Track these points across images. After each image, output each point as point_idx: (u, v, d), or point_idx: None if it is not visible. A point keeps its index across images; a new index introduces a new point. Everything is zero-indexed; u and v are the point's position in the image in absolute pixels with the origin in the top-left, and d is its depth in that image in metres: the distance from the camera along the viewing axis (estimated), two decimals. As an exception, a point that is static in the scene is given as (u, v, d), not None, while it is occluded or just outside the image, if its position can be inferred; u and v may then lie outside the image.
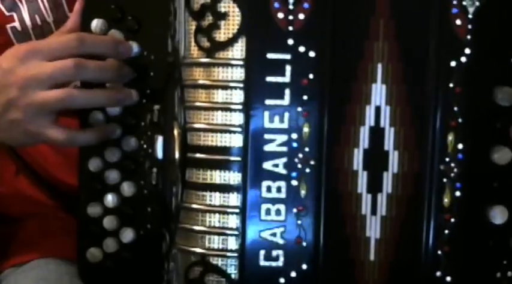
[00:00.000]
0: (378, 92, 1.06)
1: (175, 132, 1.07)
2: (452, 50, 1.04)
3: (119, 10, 1.13)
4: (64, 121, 1.10)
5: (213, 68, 1.05)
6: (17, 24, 1.25)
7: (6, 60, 1.08)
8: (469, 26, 1.04)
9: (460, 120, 1.04)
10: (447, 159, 1.05)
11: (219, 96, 1.05)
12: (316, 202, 1.05)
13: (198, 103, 1.06)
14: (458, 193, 1.05)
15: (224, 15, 1.04)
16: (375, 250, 1.07)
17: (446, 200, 1.05)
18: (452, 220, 1.05)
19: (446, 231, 1.05)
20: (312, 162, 1.05)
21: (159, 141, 1.11)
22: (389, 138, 1.06)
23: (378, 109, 1.06)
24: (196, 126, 1.06)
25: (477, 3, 1.04)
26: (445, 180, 1.05)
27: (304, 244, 1.05)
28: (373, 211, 1.07)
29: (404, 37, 1.05)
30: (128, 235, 1.13)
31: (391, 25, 1.05)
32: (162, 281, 1.11)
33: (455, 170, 1.05)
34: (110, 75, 1.09)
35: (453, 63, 1.04)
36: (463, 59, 1.04)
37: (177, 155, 1.07)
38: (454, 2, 1.04)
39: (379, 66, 1.05)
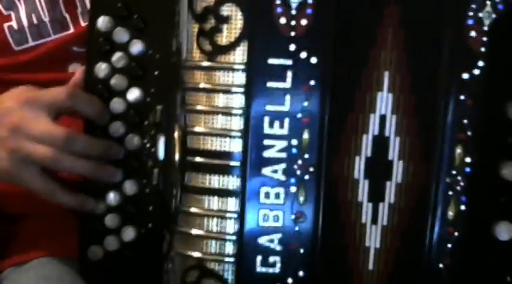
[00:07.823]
0: (384, 101, 1.04)
1: (176, 134, 1.07)
2: (465, 62, 1.02)
3: (125, 8, 1.12)
4: None
5: (214, 71, 1.04)
6: (14, 23, 1.25)
7: (9, 99, 1.11)
8: (484, 39, 1.01)
9: (469, 133, 1.02)
10: (454, 172, 1.03)
11: (220, 100, 1.04)
12: (315, 209, 1.04)
13: (198, 107, 1.05)
14: (463, 207, 1.03)
15: (227, 19, 1.03)
16: (374, 259, 1.06)
17: (450, 213, 1.04)
18: (456, 233, 1.04)
19: (449, 245, 1.04)
20: (311, 169, 1.04)
21: (161, 141, 1.10)
22: (394, 147, 1.05)
23: (383, 118, 1.04)
24: (197, 129, 1.05)
25: (494, 16, 1.01)
26: (450, 192, 1.03)
27: (302, 250, 1.05)
28: (374, 221, 1.06)
29: (413, 47, 1.03)
30: (129, 233, 1.13)
31: (400, 34, 1.03)
32: (162, 282, 1.11)
33: (461, 183, 1.03)
34: (97, 152, 1.10)
35: (465, 76, 1.02)
36: (476, 72, 1.02)
37: (177, 157, 1.07)
38: (470, 14, 1.01)
39: (386, 74, 1.04)
